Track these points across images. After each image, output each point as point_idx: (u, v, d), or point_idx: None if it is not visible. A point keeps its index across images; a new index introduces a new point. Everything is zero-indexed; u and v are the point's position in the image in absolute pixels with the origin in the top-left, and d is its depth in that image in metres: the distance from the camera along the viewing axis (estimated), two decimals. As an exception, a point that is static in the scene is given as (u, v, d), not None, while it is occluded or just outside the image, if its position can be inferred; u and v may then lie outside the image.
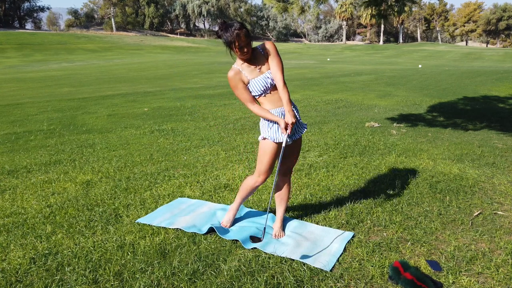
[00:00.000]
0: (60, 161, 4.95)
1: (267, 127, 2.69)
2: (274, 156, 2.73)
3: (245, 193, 2.92)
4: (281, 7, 6.61)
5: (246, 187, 2.88)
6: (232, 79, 2.62)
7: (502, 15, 69.50)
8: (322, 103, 9.93)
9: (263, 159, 2.74)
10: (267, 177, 2.80)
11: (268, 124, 2.68)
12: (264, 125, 2.71)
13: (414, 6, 51.17)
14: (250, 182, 2.85)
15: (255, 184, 2.83)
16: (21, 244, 2.80)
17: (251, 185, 2.85)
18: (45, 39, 54.57)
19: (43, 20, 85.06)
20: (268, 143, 2.70)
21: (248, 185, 2.86)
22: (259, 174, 2.78)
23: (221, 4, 78.37)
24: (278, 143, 2.70)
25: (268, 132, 2.69)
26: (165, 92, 12.42)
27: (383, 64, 29.12)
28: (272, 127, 2.68)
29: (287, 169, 2.92)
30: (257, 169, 2.79)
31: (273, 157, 2.73)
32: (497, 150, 5.27)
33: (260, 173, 2.77)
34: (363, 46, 65.27)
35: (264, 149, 2.72)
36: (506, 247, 2.67)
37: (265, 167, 2.75)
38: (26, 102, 11.16)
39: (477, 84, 14.40)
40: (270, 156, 2.72)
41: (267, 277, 2.34)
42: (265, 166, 2.75)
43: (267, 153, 2.71)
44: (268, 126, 2.68)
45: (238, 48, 2.49)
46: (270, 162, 2.74)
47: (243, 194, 2.93)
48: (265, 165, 2.75)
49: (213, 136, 6.15)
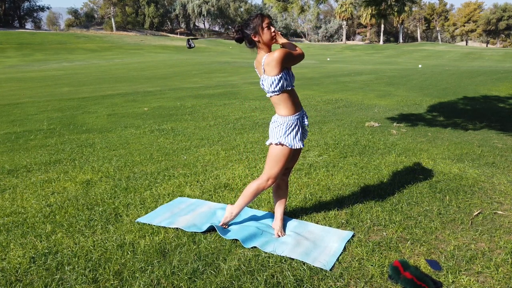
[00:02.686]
0: (60, 160, 4.95)
1: (283, 133, 2.63)
2: (288, 161, 2.71)
3: (250, 198, 2.80)
4: (281, 7, 6.61)
5: (252, 191, 2.77)
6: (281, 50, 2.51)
7: (502, 15, 69.49)
8: (322, 103, 9.93)
9: (276, 164, 2.67)
10: (276, 181, 2.75)
11: (287, 128, 2.62)
12: (280, 130, 2.64)
13: (414, 6, 51.20)
14: (257, 186, 2.74)
15: (263, 188, 2.74)
16: (21, 243, 2.80)
17: (259, 189, 2.75)
18: (45, 38, 54.54)
19: (43, 19, 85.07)
20: (284, 149, 2.64)
21: (254, 189, 2.75)
22: (269, 179, 2.70)
23: (221, 4, 78.36)
24: (295, 149, 2.69)
25: (286, 138, 2.63)
26: (165, 92, 12.42)
27: (383, 64, 29.12)
28: (291, 132, 2.63)
29: (288, 170, 2.92)
30: (266, 174, 2.71)
31: (286, 162, 2.69)
32: (497, 150, 5.27)
33: (270, 178, 2.70)
34: (363, 46, 65.26)
35: (278, 154, 2.65)
36: (506, 246, 2.67)
37: (277, 172, 2.68)
38: (26, 101, 11.16)
39: (477, 84, 14.40)
40: (284, 162, 2.67)
41: (267, 276, 2.34)
42: (278, 171, 2.68)
43: (281, 159, 2.65)
44: (286, 131, 2.63)
45: (267, 26, 2.52)
46: (282, 167, 2.69)
47: (248, 199, 2.81)
48: (278, 171, 2.68)
49: (213, 136, 6.15)
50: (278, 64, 2.49)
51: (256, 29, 2.53)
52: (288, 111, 2.63)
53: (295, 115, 2.64)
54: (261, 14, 2.57)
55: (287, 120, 2.63)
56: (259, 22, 2.53)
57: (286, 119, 2.63)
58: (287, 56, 2.54)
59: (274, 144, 2.66)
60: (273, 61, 2.49)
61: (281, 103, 2.62)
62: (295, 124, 2.64)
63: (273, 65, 2.50)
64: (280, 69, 2.51)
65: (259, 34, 2.54)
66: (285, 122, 2.63)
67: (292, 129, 2.63)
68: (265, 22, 2.53)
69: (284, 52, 2.52)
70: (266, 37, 2.54)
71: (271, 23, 2.58)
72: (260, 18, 2.55)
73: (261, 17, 2.55)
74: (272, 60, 2.49)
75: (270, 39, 2.56)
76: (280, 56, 2.49)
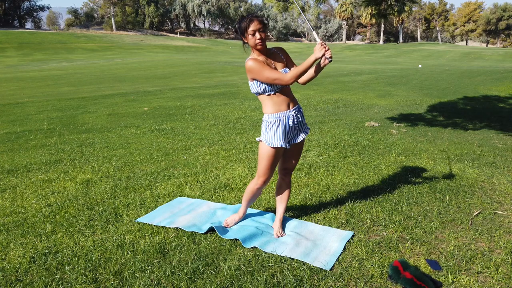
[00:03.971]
0: (60, 160, 4.95)
1: (265, 129, 2.64)
2: (272, 159, 2.67)
3: (249, 197, 2.89)
4: (281, 7, 6.61)
5: (249, 191, 2.86)
6: (255, 63, 2.49)
7: (502, 14, 69.48)
8: (322, 103, 9.93)
9: (260, 162, 2.70)
10: (266, 179, 2.75)
11: (267, 125, 2.63)
12: (264, 126, 2.66)
13: (414, 5, 51.15)
14: (252, 185, 2.82)
15: (256, 186, 2.79)
16: (21, 243, 2.80)
17: (254, 188, 2.82)
18: (45, 38, 54.54)
19: (43, 19, 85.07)
20: (265, 146, 2.65)
21: (250, 188, 2.84)
22: (258, 177, 2.75)
23: (221, 3, 78.35)
24: (279, 148, 2.66)
25: (266, 135, 2.63)
26: (165, 92, 12.42)
27: (383, 64, 29.11)
28: (270, 130, 2.61)
29: (287, 171, 2.90)
30: (257, 172, 2.77)
31: (271, 160, 2.66)
32: (497, 149, 5.27)
33: (259, 176, 2.74)
34: (363, 45, 65.25)
35: (261, 152, 2.68)
36: (506, 246, 2.67)
37: (263, 170, 2.70)
38: (26, 101, 11.16)
39: (477, 84, 14.40)
40: (268, 160, 2.66)
41: (267, 276, 2.34)
42: (263, 169, 2.70)
43: (264, 156, 2.67)
44: (267, 128, 2.63)
45: (251, 33, 2.48)
46: (268, 165, 2.68)
47: (247, 197, 2.90)
48: (263, 168, 2.70)
49: (213, 136, 6.15)
50: (249, 73, 2.55)
51: (242, 33, 2.53)
52: (270, 109, 2.63)
53: (276, 113, 2.61)
54: (251, 18, 2.48)
55: (267, 118, 2.64)
56: (245, 26, 2.49)
57: (267, 117, 2.65)
58: (255, 71, 2.51)
59: (259, 141, 2.72)
60: (246, 68, 2.55)
61: (264, 101, 2.64)
62: (274, 122, 2.61)
63: (247, 71, 2.56)
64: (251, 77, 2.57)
65: (245, 37, 2.54)
66: (266, 120, 2.65)
67: (272, 127, 2.62)
68: (250, 29, 2.47)
69: (254, 66, 2.50)
70: (250, 43, 2.54)
71: (261, 29, 2.48)
72: (247, 22, 2.48)
73: (249, 22, 2.48)
74: (246, 66, 2.55)
75: (254, 46, 2.54)
76: (249, 67, 2.52)
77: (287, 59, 2.69)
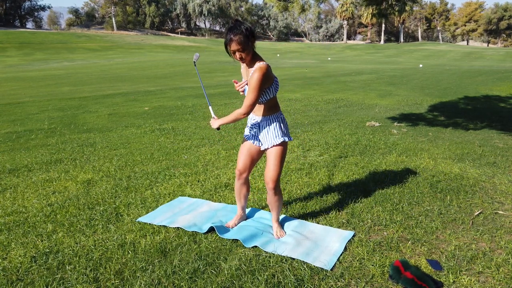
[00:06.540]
0: (61, 160, 4.95)
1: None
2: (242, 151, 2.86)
3: (235, 194, 3.03)
4: (281, 6, 6.61)
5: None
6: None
7: (503, 14, 69.43)
8: (322, 103, 9.92)
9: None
10: (239, 173, 2.88)
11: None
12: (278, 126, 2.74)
13: (415, 5, 51.14)
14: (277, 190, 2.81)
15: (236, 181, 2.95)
16: (22, 242, 2.80)
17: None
18: (45, 38, 54.61)
19: (44, 19, 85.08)
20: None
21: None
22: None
23: (221, 3, 78.36)
24: (246, 141, 2.85)
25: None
26: (166, 91, 12.42)
27: (383, 64, 29.10)
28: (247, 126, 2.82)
29: (266, 178, 2.77)
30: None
31: (240, 152, 2.87)
32: (498, 149, 5.26)
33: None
34: (364, 45, 65.22)
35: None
36: (507, 246, 2.67)
37: (237, 162, 2.91)
38: (26, 101, 11.17)
39: (478, 84, 14.39)
40: (240, 151, 2.88)
41: (268, 276, 2.34)
42: (237, 161, 2.91)
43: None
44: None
45: (232, 52, 2.50)
46: (239, 157, 2.86)
47: (235, 195, 3.04)
48: (238, 160, 2.90)
49: (213, 135, 6.15)
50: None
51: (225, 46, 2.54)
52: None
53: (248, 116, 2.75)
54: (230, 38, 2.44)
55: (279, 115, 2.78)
56: (226, 43, 2.50)
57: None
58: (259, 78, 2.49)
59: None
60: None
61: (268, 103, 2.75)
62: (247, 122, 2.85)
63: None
64: None
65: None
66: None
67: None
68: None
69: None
70: None
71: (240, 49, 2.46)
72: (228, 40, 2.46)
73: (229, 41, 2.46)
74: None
75: None
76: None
77: None
